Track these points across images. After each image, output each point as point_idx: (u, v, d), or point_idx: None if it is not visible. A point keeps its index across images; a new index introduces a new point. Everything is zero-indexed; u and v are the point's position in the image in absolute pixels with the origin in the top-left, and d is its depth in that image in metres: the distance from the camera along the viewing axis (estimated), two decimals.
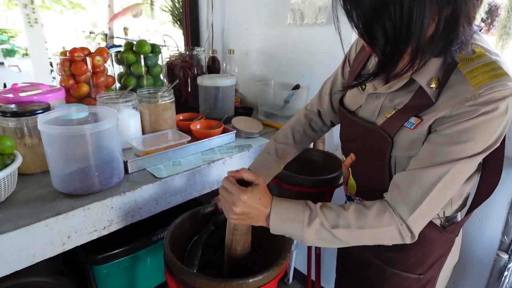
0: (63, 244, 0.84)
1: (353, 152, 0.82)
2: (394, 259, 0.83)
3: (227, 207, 0.68)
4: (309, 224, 0.66)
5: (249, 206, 0.66)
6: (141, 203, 0.96)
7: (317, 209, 0.68)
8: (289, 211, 0.67)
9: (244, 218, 0.68)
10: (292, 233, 0.68)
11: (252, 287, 0.68)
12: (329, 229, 0.66)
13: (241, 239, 0.77)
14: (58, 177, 0.89)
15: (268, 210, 0.67)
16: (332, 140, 1.49)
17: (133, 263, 1.08)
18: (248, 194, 0.66)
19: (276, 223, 0.67)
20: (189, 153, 1.15)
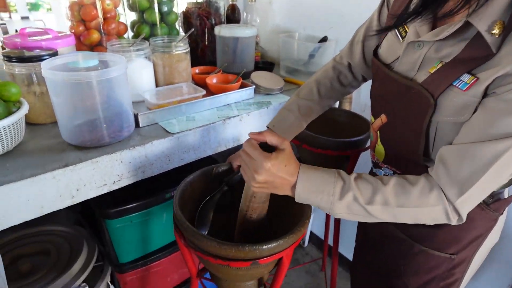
0: (72, 197, 0.81)
1: (384, 113, 0.72)
2: (425, 236, 0.76)
3: (249, 174, 0.60)
4: (340, 198, 0.59)
5: (273, 175, 0.58)
6: (152, 159, 0.92)
7: (351, 181, 0.59)
8: (319, 181, 0.60)
9: (267, 186, 0.60)
10: (320, 205, 0.61)
11: (265, 254, 0.63)
12: (363, 205, 0.58)
13: (258, 207, 0.72)
14: (66, 128, 0.85)
15: (295, 179, 0.60)
16: (360, 99, 1.37)
17: (146, 219, 1.06)
18: (273, 161, 0.58)
19: (303, 194, 0.60)
20: (204, 108, 1.08)
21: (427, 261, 0.78)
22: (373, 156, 0.84)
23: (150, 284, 1.20)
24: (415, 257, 0.79)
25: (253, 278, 0.77)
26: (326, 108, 0.92)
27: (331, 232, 1.73)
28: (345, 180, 0.59)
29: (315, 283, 1.74)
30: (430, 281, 0.80)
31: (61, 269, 1.08)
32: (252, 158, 0.59)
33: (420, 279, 0.80)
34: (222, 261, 0.63)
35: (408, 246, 0.79)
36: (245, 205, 0.71)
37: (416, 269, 0.80)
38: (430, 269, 0.79)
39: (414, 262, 0.79)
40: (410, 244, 0.78)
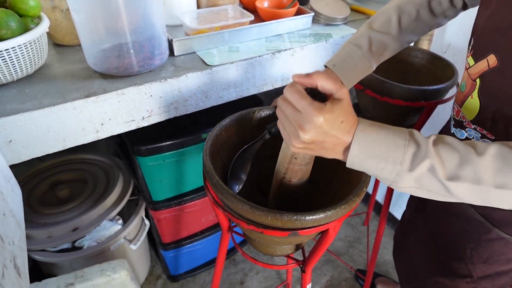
0: (97, 132, 0.73)
1: (495, 54, 0.51)
2: (510, 222, 0.59)
3: (291, 131, 0.43)
4: (411, 168, 0.42)
5: (324, 133, 0.41)
6: (187, 94, 0.79)
7: (428, 145, 0.42)
8: (383, 144, 0.42)
9: (313, 148, 0.44)
10: (380, 175, 0.44)
11: (308, 225, 0.50)
12: (442, 180, 0.41)
13: (299, 170, 0.56)
14: (90, 52, 0.74)
15: (350, 139, 0.43)
16: (443, 36, 1.10)
17: (180, 159, 0.98)
18: (327, 115, 0.40)
19: (359, 159, 0.43)
20: (250, 38, 0.91)
21: (506, 251, 0.62)
22: (457, 112, 0.64)
23: (184, 223, 1.17)
24: (490, 244, 0.63)
25: (290, 244, 0.67)
26: (405, 45, 0.71)
27: (381, 188, 1.59)
28: (420, 144, 0.42)
29: (355, 236, 1.65)
30: (503, 273, 0.65)
31: (96, 199, 1.07)
32: (296, 109, 0.42)
33: (491, 269, 0.66)
34: (256, 227, 0.53)
35: (482, 230, 0.63)
36: (283, 167, 0.57)
37: (489, 257, 0.65)
38: (507, 261, 0.63)
39: (487, 249, 0.64)
40: (486, 229, 0.62)
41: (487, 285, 0.67)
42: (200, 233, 1.24)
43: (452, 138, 0.43)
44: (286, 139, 0.46)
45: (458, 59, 1.10)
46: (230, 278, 1.42)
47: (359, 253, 1.57)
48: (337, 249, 1.57)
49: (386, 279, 1.41)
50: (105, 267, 0.79)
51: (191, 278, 1.41)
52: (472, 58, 0.57)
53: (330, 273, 1.47)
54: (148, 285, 1.38)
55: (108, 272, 0.78)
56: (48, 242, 0.99)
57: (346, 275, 1.46)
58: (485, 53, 0.53)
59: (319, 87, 0.44)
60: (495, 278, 0.65)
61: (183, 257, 1.29)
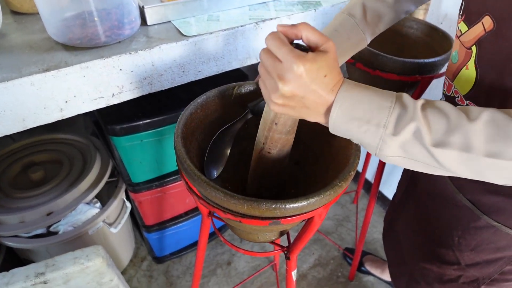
0: (61, 110, 0.66)
1: (490, 14, 0.45)
2: (499, 208, 0.55)
3: (270, 84, 0.39)
4: (395, 132, 0.37)
5: (304, 86, 0.37)
6: (161, 68, 0.72)
7: (416, 108, 0.37)
8: (366, 104, 0.38)
9: (293, 105, 0.39)
10: (363, 140, 0.40)
11: (289, 214, 0.46)
12: (427, 147, 0.37)
13: (280, 138, 0.51)
14: (49, 21, 0.66)
15: (333, 98, 0.39)
16: (440, 7, 1.03)
17: (159, 139, 0.92)
18: (308, 64, 0.36)
19: (341, 121, 0.39)
20: (232, 6, 0.83)
21: (495, 240, 0.59)
22: (448, 87, 0.58)
23: (167, 205, 1.12)
24: (479, 232, 0.60)
25: (273, 231, 0.62)
26: (402, 16, 0.65)
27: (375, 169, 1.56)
28: (407, 106, 0.38)
29: (344, 215, 1.64)
30: (492, 261, 0.62)
31: (72, 181, 1.01)
32: (277, 59, 0.37)
33: (479, 257, 0.62)
34: (233, 216, 0.48)
35: (471, 217, 0.59)
36: (263, 135, 0.51)
37: (477, 245, 0.61)
38: (496, 249, 0.60)
39: (475, 237, 0.60)
40: (474, 216, 0.59)
41: (475, 273, 0.64)
42: (185, 214, 1.20)
43: (444, 103, 0.38)
44: (266, 97, 0.41)
45: (455, 30, 1.03)
46: (217, 259, 1.40)
47: (348, 231, 1.55)
48: (326, 228, 1.56)
49: (374, 257, 1.40)
50: (78, 254, 0.74)
51: (177, 259, 1.38)
52: (465, 24, 0.51)
53: (318, 252, 1.45)
54: (133, 267, 1.35)
55: (81, 260, 0.73)
56: (21, 228, 0.94)
57: (335, 254, 1.45)
58: (479, 16, 0.47)
59: (304, 38, 0.38)
60: (484, 266, 0.62)
61: (168, 239, 1.26)
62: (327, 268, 1.40)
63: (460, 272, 0.65)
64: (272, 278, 1.35)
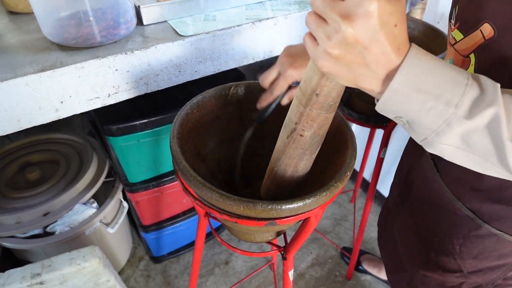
0: (57, 110, 0.65)
1: (490, 22, 0.44)
2: (502, 217, 0.54)
3: (323, 29, 0.32)
4: (469, 115, 0.31)
5: (373, 30, 0.29)
6: (157, 68, 0.72)
7: (496, 90, 0.32)
8: (439, 76, 0.32)
9: (351, 59, 0.32)
10: (422, 119, 0.33)
11: (285, 215, 0.46)
12: (503, 140, 0.32)
13: (318, 115, 0.41)
14: (44, 21, 0.66)
15: (399, 61, 0.31)
16: (437, 6, 1.03)
17: (156, 139, 0.92)
18: (383, 2, 0.28)
19: (404, 92, 0.32)
20: (229, 5, 0.83)
21: (498, 247, 0.58)
22: None
23: (164, 205, 1.12)
24: (480, 240, 0.59)
25: (269, 231, 0.62)
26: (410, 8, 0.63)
27: (368, 165, 1.56)
28: (486, 86, 0.32)
29: (342, 214, 1.64)
30: (495, 268, 0.61)
31: (69, 181, 1.01)
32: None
33: (482, 264, 0.61)
34: (229, 217, 0.48)
35: (471, 226, 0.58)
36: (297, 112, 0.42)
37: (479, 253, 0.60)
38: (499, 257, 0.59)
39: (477, 245, 0.59)
40: (475, 224, 0.57)
41: (478, 279, 0.63)
42: (182, 214, 1.20)
43: None
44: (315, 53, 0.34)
45: None
46: (215, 258, 1.40)
47: (346, 230, 1.55)
48: (323, 227, 1.56)
49: (372, 256, 1.41)
50: (74, 255, 0.74)
51: (175, 259, 1.38)
52: (459, 31, 0.50)
53: (316, 251, 1.45)
54: (130, 266, 1.35)
55: (78, 260, 0.73)
56: (17, 228, 0.93)
57: (332, 253, 1.45)
58: (476, 24, 0.46)
59: None
60: (486, 272, 0.61)
61: (166, 239, 1.26)
62: (324, 267, 1.40)
63: (462, 279, 0.64)
64: (270, 278, 1.35)
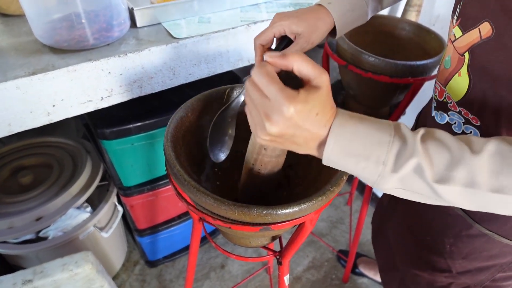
0: (48, 114, 0.65)
1: (490, 21, 0.44)
2: (493, 217, 0.54)
3: (256, 120, 0.36)
4: (395, 169, 0.35)
5: (295, 126, 0.35)
6: (151, 71, 0.71)
7: (416, 141, 0.35)
8: (364, 140, 0.36)
9: (282, 142, 0.37)
10: (361, 175, 0.38)
11: (280, 220, 0.45)
12: (430, 183, 0.35)
13: (270, 162, 0.50)
14: (36, 23, 0.65)
15: (326, 133, 0.36)
16: (432, 8, 1.04)
17: (151, 142, 0.91)
18: (299, 105, 0.33)
19: (336, 157, 0.37)
20: (223, 7, 0.82)
21: (488, 248, 0.58)
22: (440, 93, 0.57)
23: (159, 209, 1.11)
24: (471, 240, 0.59)
25: (264, 236, 0.61)
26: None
27: None
28: (407, 139, 0.36)
29: (338, 217, 1.63)
30: (484, 269, 0.61)
31: (62, 185, 0.99)
32: (264, 95, 0.34)
33: (471, 265, 0.61)
34: (222, 222, 0.47)
35: (463, 225, 0.58)
36: (252, 157, 0.50)
37: (469, 253, 0.60)
38: (489, 257, 0.59)
39: (467, 245, 0.59)
40: (467, 224, 0.57)
41: (467, 280, 0.63)
42: (178, 217, 1.19)
43: (444, 133, 0.37)
44: (252, 129, 0.38)
45: (447, 32, 1.04)
46: (210, 262, 1.39)
47: (342, 233, 1.55)
48: (320, 230, 1.55)
49: (368, 259, 1.40)
50: (67, 261, 0.72)
51: (170, 263, 1.36)
52: (459, 28, 0.50)
53: (312, 254, 1.45)
54: (125, 271, 1.34)
55: (70, 266, 0.72)
56: (9, 233, 0.92)
57: (329, 256, 1.44)
58: (476, 22, 0.46)
59: (296, 71, 0.36)
60: (475, 273, 0.61)
61: (161, 243, 1.24)
62: (321, 270, 1.39)
63: (451, 280, 0.65)
64: (266, 281, 1.34)
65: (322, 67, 0.36)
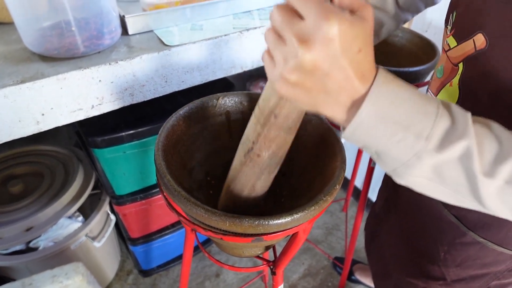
0: (38, 123, 0.63)
1: (484, 32, 0.44)
2: (486, 224, 0.54)
3: (281, 50, 0.28)
4: (440, 148, 0.29)
5: (334, 56, 0.26)
6: (143, 79, 0.71)
7: (467, 121, 0.30)
8: (408, 105, 0.29)
9: (310, 85, 0.29)
10: (390, 152, 0.31)
11: (272, 230, 0.44)
12: (476, 173, 0.30)
13: (276, 136, 0.39)
14: (25, 30, 0.64)
15: (364, 89, 0.29)
16: (424, 15, 1.04)
17: (143, 150, 0.90)
18: (345, 26, 0.26)
19: (372, 123, 0.29)
20: (216, 15, 0.82)
21: (481, 256, 0.57)
22: None
23: (153, 217, 1.10)
24: (465, 248, 0.58)
25: (257, 246, 0.60)
26: (401, 25, 0.65)
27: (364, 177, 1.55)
28: (457, 117, 0.30)
29: (334, 223, 1.62)
30: (478, 277, 0.60)
31: (54, 194, 0.98)
32: (296, 15, 0.27)
33: (465, 273, 0.61)
34: (213, 233, 0.46)
35: (457, 233, 0.58)
36: (254, 131, 0.40)
37: (463, 261, 0.60)
38: (482, 265, 0.59)
39: (461, 253, 0.59)
40: (460, 231, 0.57)
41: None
42: (171, 226, 1.18)
43: (492, 122, 0.33)
44: (273, 74, 0.30)
45: (440, 38, 1.04)
46: (205, 271, 1.37)
47: (338, 240, 1.54)
48: (315, 237, 1.54)
49: (364, 265, 1.39)
50: (56, 272, 0.71)
51: (164, 272, 1.34)
52: (454, 39, 0.50)
53: (308, 261, 1.43)
54: (118, 281, 1.31)
55: (60, 278, 0.70)
56: None
57: (324, 263, 1.43)
58: (471, 32, 0.46)
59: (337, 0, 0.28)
60: (470, 281, 0.61)
61: (155, 252, 1.23)
62: (317, 278, 1.38)
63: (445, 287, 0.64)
64: None
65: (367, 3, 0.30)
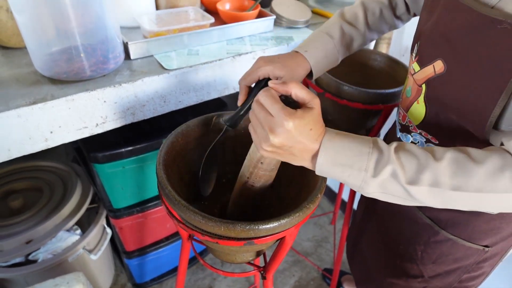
0: (46, 140, 0.69)
1: (442, 59, 0.52)
2: (455, 222, 0.62)
3: (261, 134, 0.45)
4: (375, 174, 0.44)
5: (293, 139, 0.43)
6: (144, 99, 0.77)
7: (390, 152, 0.44)
8: (348, 151, 0.44)
9: (281, 153, 0.45)
10: (347, 182, 0.46)
11: (262, 234, 0.50)
12: (403, 185, 0.44)
13: (264, 175, 0.56)
14: (36, 56, 0.70)
15: (317, 147, 0.45)
16: (401, 40, 1.14)
17: (141, 165, 0.95)
18: (297, 120, 0.42)
19: (326, 167, 0.45)
20: (211, 41, 0.90)
21: (453, 252, 0.65)
22: (403, 117, 0.65)
23: (148, 230, 1.14)
24: (438, 246, 0.66)
25: (249, 251, 0.66)
26: (368, 43, 0.74)
27: (347, 187, 1.62)
28: (383, 151, 0.44)
29: (323, 236, 1.68)
30: (451, 272, 0.68)
31: (52, 208, 1.02)
32: (269, 113, 0.43)
33: (440, 269, 0.69)
34: (210, 238, 0.51)
35: (431, 232, 0.66)
36: (248, 171, 0.56)
37: (438, 258, 0.67)
38: (454, 260, 0.66)
39: (435, 250, 0.67)
40: (434, 231, 0.65)
41: (438, 284, 0.69)
42: (166, 239, 1.21)
43: (412, 145, 0.46)
44: (256, 142, 0.47)
45: None
46: (198, 284, 1.40)
47: (327, 252, 1.59)
48: (305, 249, 1.59)
49: (352, 276, 1.44)
50: (58, 281, 0.75)
51: (158, 286, 1.37)
52: (417, 64, 0.58)
53: (298, 273, 1.48)
54: None
55: (62, 287, 0.74)
56: None
57: (314, 275, 1.48)
58: (431, 59, 0.54)
59: (293, 95, 0.45)
60: (444, 276, 0.68)
61: (149, 265, 1.26)
62: None
63: (424, 284, 0.71)
64: None
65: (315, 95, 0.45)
